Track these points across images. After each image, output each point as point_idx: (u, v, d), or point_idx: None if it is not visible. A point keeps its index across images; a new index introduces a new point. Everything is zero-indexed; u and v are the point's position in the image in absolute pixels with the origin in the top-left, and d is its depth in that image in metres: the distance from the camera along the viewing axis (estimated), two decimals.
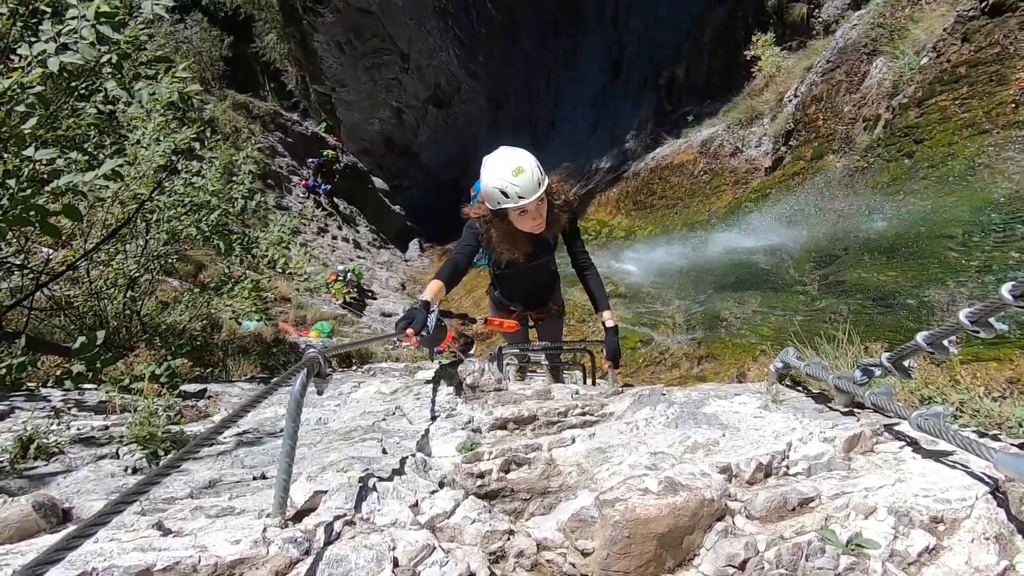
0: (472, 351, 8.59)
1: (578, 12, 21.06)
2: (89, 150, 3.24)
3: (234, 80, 21.54)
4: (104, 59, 3.20)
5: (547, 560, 1.23)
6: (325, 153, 17.37)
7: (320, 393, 1.34)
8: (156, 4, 3.57)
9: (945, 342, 1.84)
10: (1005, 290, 1.54)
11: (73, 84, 3.23)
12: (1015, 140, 5.87)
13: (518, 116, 24.28)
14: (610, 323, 2.83)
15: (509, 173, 2.32)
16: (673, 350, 8.73)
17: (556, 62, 22.55)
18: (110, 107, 4.74)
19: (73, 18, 2.94)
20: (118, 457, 1.62)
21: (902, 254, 6.42)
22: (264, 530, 1.06)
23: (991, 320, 1.65)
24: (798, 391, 2.50)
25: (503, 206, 2.40)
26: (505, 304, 3.29)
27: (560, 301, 3.44)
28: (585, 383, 4.44)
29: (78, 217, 2.65)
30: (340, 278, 12.02)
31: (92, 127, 3.43)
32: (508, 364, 3.82)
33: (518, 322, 3.21)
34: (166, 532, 1.05)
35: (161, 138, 4.31)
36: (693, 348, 8.43)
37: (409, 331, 2.04)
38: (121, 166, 2.86)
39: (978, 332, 1.69)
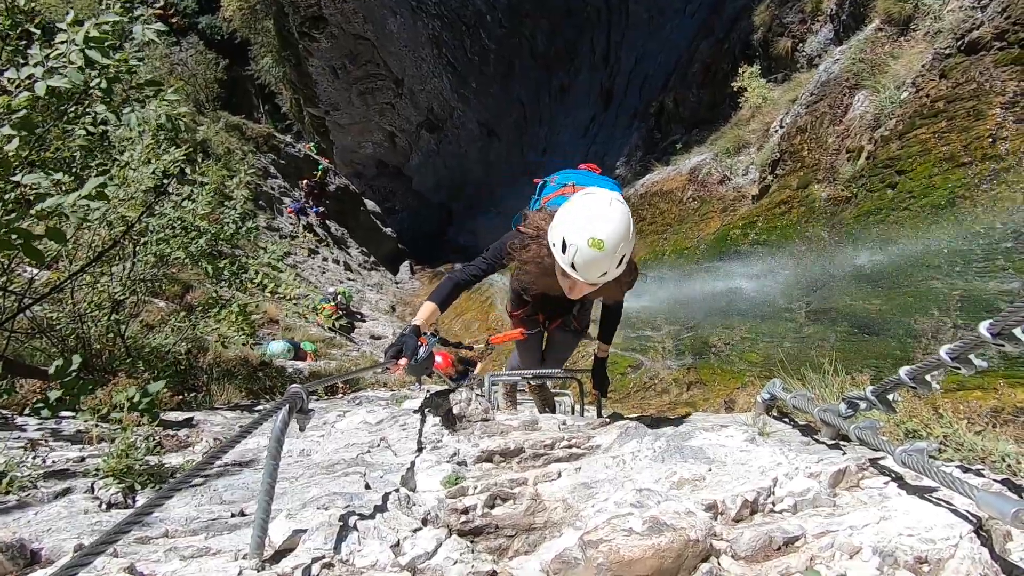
0: (476, 371, 8.48)
1: (571, 45, 21.57)
2: (76, 171, 3.22)
3: (228, 102, 21.72)
4: (93, 83, 3.21)
5: None
6: (319, 167, 17.47)
7: (302, 430, 1.33)
8: (148, 28, 3.61)
9: (927, 377, 1.87)
10: (983, 328, 1.57)
11: (62, 107, 3.23)
12: (992, 173, 6.03)
13: (510, 143, 24.62)
14: (602, 354, 2.76)
15: (585, 238, 1.83)
16: (663, 375, 8.73)
17: (548, 91, 22.99)
18: (102, 127, 4.75)
19: (62, 42, 2.95)
20: (92, 491, 1.58)
21: (887, 283, 6.52)
22: (239, 573, 1.03)
23: (971, 357, 1.67)
24: (785, 422, 2.51)
25: (555, 258, 1.96)
26: (522, 295, 2.92)
27: (586, 320, 3.15)
28: (574, 411, 4.42)
29: (62, 240, 2.62)
30: (335, 303, 11.95)
31: (80, 149, 3.42)
32: (495, 389, 3.77)
33: (529, 328, 2.96)
34: None
35: (151, 160, 4.32)
36: (683, 373, 8.44)
37: (401, 361, 1.92)
38: (104, 185, 2.84)
39: (959, 368, 1.71)
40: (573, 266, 1.89)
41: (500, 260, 2.21)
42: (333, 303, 11.98)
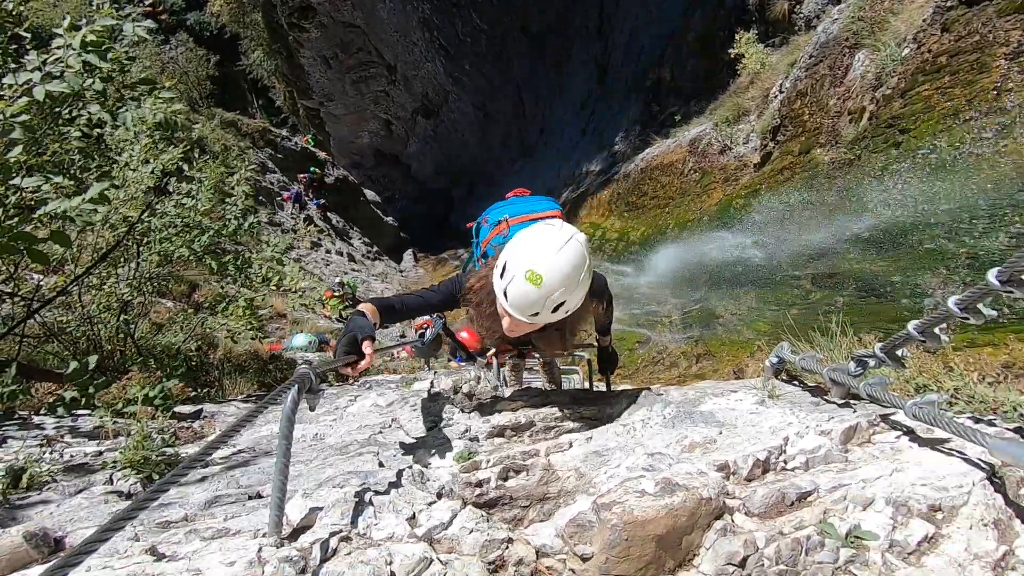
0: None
1: (563, 20, 21.23)
2: (75, 174, 3.23)
3: (222, 99, 21.58)
4: (87, 84, 3.20)
5: (547, 567, 1.22)
6: (312, 168, 17.44)
7: (312, 409, 1.34)
8: (138, 26, 3.58)
9: (936, 330, 1.85)
10: (992, 276, 1.55)
11: (57, 110, 3.22)
12: (997, 127, 5.93)
13: (507, 123, 24.40)
14: (603, 344, 2.59)
15: (524, 269, 1.61)
16: (671, 349, 8.74)
17: (543, 67, 22.69)
18: (97, 130, 4.73)
19: (60, 47, 2.94)
20: (112, 483, 1.61)
21: (892, 244, 6.46)
22: (259, 550, 1.05)
23: (980, 306, 1.66)
24: (794, 385, 2.51)
25: (495, 289, 1.74)
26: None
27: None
28: (584, 385, 4.43)
29: (67, 243, 2.64)
30: (336, 293, 12.01)
31: (77, 151, 3.42)
32: (503, 367, 3.78)
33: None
34: (159, 557, 1.04)
35: (149, 159, 4.31)
36: (691, 347, 8.44)
37: (367, 350, 1.56)
38: (108, 189, 2.85)
39: (967, 318, 1.70)
40: (505, 294, 1.67)
41: (451, 298, 1.96)
42: (339, 293, 12.04)
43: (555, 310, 1.68)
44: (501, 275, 1.70)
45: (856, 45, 8.76)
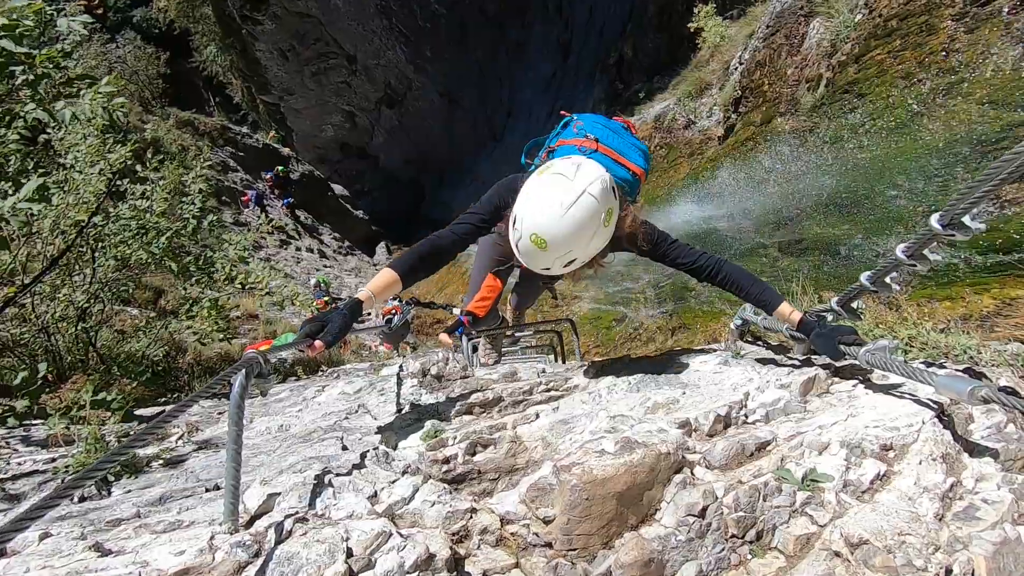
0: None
1: (523, 7, 20.99)
2: (11, 175, 3.08)
3: (176, 98, 20.82)
4: (19, 80, 3.05)
5: (511, 533, 1.22)
6: (279, 168, 17.01)
7: (263, 394, 1.30)
8: (73, 20, 3.42)
9: (887, 279, 1.89)
10: (934, 220, 1.59)
11: None
12: (947, 87, 6.08)
13: (473, 108, 24.14)
14: (797, 315, 1.82)
15: (529, 232, 1.60)
16: (647, 325, 8.84)
17: (505, 51, 22.47)
18: (43, 136, 4.52)
19: None
20: None
21: (854, 207, 6.61)
22: (212, 538, 1.02)
23: (925, 252, 1.70)
24: (759, 345, 2.55)
25: (509, 236, 1.71)
26: (500, 260, 2.59)
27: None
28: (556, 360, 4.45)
29: (5, 245, 2.51)
30: (327, 301, 11.78)
31: (14, 154, 3.26)
32: (475, 345, 3.71)
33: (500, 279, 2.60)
34: (105, 553, 1.00)
35: (97, 160, 4.14)
36: (666, 320, 8.55)
37: (316, 343, 1.48)
38: (46, 187, 2.72)
39: (915, 265, 1.74)
40: (517, 247, 1.68)
41: (497, 212, 1.85)
42: (327, 299, 11.80)
43: (567, 264, 1.68)
44: (513, 225, 1.66)
45: (811, 13, 8.86)
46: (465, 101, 24.02)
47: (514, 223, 1.66)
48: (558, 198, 1.57)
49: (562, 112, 2.44)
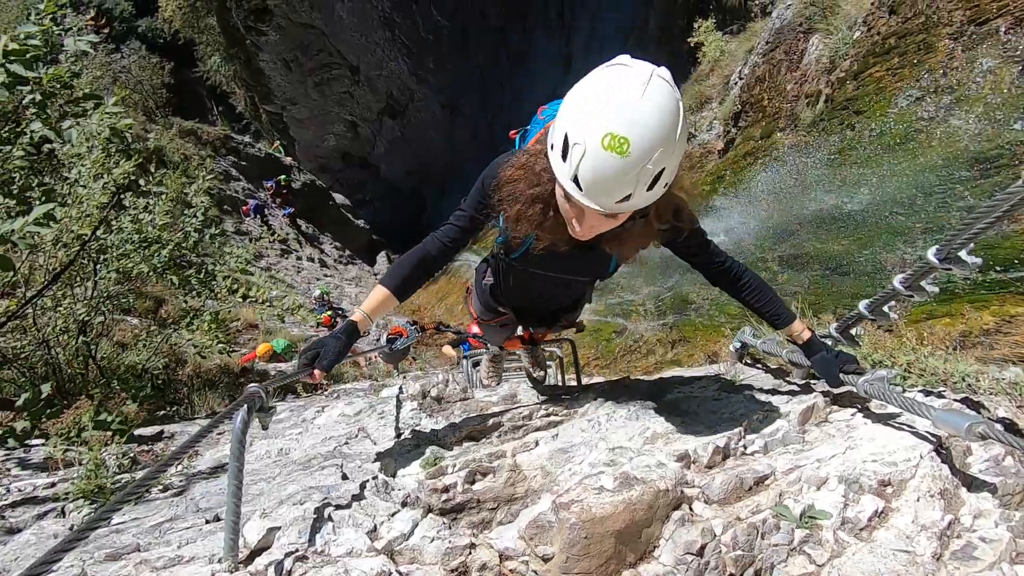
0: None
1: (522, 12, 21.20)
2: (18, 193, 3.10)
3: (180, 107, 20.97)
4: (27, 100, 3.08)
5: (510, 570, 1.22)
6: (281, 178, 17.10)
7: (265, 428, 1.31)
8: (79, 40, 3.46)
9: (885, 308, 1.91)
10: (931, 254, 1.60)
11: None
12: (945, 105, 6.12)
13: (474, 114, 24.29)
14: (807, 334, 1.75)
15: (600, 133, 1.15)
16: (647, 337, 8.85)
17: (507, 63, 22.65)
18: (48, 146, 4.55)
19: None
20: (64, 515, 1.55)
21: (853, 223, 6.64)
22: (212, 575, 1.03)
23: (923, 283, 1.71)
24: (758, 368, 2.56)
25: (558, 177, 1.28)
26: (494, 306, 2.26)
27: (578, 321, 2.39)
28: (557, 381, 4.44)
29: (9, 267, 2.53)
30: (330, 313, 11.80)
31: (19, 171, 3.28)
32: (477, 362, 3.63)
33: (506, 331, 2.35)
34: None
35: (101, 174, 4.17)
36: (665, 333, 8.56)
37: (316, 373, 1.46)
38: (52, 209, 2.74)
39: (912, 296, 1.75)
40: (577, 181, 1.21)
41: (483, 207, 1.57)
42: (329, 312, 11.81)
43: (651, 185, 1.22)
44: (564, 155, 1.22)
45: (810, 30, 8.95)
46: (466, 107, 24.19)
47: (565, 147, 1.22)
48: (628, 79, 1.17)
49: (510, 134, 2.21)
